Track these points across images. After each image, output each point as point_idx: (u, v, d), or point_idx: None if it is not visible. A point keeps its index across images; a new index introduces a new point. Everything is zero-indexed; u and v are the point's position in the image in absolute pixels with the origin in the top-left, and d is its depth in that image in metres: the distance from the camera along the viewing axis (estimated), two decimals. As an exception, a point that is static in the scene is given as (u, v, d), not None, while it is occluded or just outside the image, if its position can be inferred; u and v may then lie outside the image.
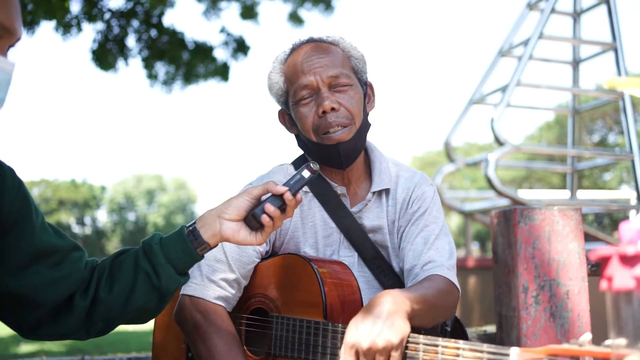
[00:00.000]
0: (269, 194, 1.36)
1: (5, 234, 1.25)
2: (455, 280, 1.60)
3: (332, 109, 1.59)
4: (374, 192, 1.71)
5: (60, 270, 1.30)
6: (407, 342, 1.30)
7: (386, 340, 1.26)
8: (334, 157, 1.63)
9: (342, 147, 1.61)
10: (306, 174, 1.37)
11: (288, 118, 1.72)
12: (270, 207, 1.33)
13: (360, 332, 1.27)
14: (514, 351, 1.15)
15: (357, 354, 1.28)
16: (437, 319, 1.52)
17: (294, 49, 1.70)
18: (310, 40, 1.70)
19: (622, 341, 0.81)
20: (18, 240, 1.26)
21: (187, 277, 1.39)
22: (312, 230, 1.68)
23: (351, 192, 1.72)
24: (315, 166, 1.39)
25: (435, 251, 1.62)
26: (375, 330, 1.26)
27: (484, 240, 35.43)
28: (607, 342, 1.01)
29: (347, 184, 1.72)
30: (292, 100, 1.65)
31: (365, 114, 1.70)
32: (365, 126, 1.68)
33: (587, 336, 1.05)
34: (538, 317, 2.04)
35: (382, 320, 1.27)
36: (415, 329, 1.32)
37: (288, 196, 1.34)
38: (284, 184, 1.36)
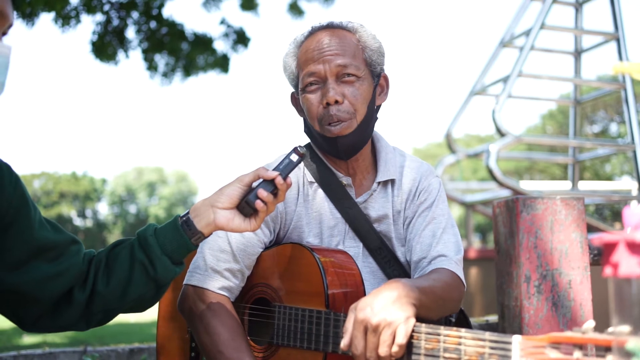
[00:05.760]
0: (260, 180, 1.38)
1: (4, 231, 1.26)
2: (461, 275, 1.62)
3: (336, 101, 1.59)
4: (379, 182, 1.71)
5: (59, 264, 1.31)
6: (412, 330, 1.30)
7: (395, 318, 1.28)
8: (333, 148, 1.65)
9: (341, 141, 1.61)
10: (294, 157, 1.40)
11: (299, 101, 1.73)
12: (263, 193, 1.35)
13: (371, 310, 1.29)
14: (516, 339, 1.14)
15: (365, 329, 1.30)
16: (443, 312, 1.53)
17: (311, 33, 1.69)
18: (329, 26, 1.68)
19: (626, 328, 0.80)
20: (16, 237, 1.26)
21: (183, 265, 1.41)
22: (316, 221, 1.68)
23: (357, 183, 1.72)
24: (302, 149, 1.41)
25: (443, 245, 1.63)
26: (385, 310, 1.29)
27: (484, 232, 35.47)
28: (610, 329, 1.00)
29: (353, 175, 1.71)
30: (300, 86, 1.66)
31: (373, 106, 1.68)
32: (369, 120, 1.67)
33: (590, 324, 1.04)
34: (540, 306, 2.04)
35: (392, 302, 1.30)
36: (420, 321, 1.32)
37: (279, 180, 1.36)
38: (274, 169, 1.38)
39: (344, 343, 1.33)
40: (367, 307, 1.30)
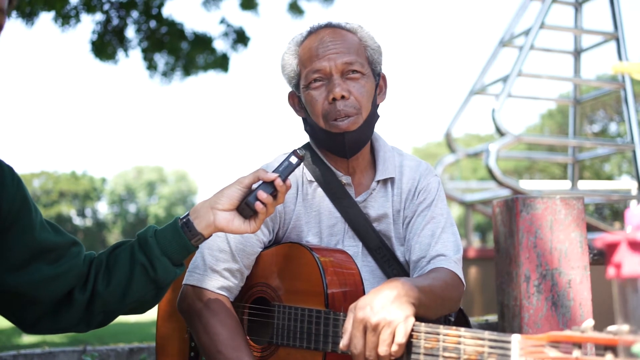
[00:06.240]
0: (260, 182, 1.39)
1: (5, 232, 1.26)
2: (461, 274, 1.62)
3: (342, 96, 1.59)
4: (378, 181, 1.71)
5: (60, 266, 1.31)
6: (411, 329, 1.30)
7: (394, 317, 1.28)
8: (338, 145, 1.64)
9: (348, 137, 1.61)
10: (294, 160, 1.41)
11: (297, 100, 1.73)
12: (262, 194, 1.36)
13: (371, 309, 1.30)
14: (515, 338, 1.14)
15: (365, 328, 1.30)
16: (441, 311, 1.53)
17: (312, 32, 1.69)
18: (329, 26, 1.69)
19: (626, 327, 0.80)
20: (18, 238, 1.27)
21: (183, 267, 1.41)
22: (316, 220, 1.68)
23: (356, 182, 1.72)
24: (301, 152, 1.42)
25: (442, 245, 1.64)
26: (385, 309, 1.29)
27: (484, 232, 35.48)
28: (610, 328, 1.00)
29: (352, 173, 1.71)
30: (303, 83, 1.66)
31: (375, 105, 1.69)
32: (373, 117, 1.68)
33: (590, 323, 1.04)
34: (540, 306, 2.04)
35: (391, 301, 1.30)
36: (419, 320, 1.32)
37: (279, 182, 1.37)
38: (273, 171, 1.39)
39: (343, 343, 1.33)
40: (366, 306, 1.30)
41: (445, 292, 1.50)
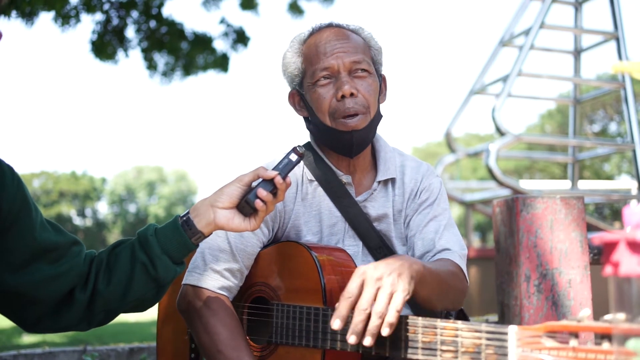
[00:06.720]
0: (259, 180, 1.39)
1: (5, 232, 1.26)
2: (465, 270, 1.62)
3: (352, 94, 1.59)
4: (379, 182, 1.71)
5: (60, 266, 1.31)
6: (407, 324, 1.30)
7: (395, 282, 1.26)
8: (345, 144, 1.63)
9: (356, 135, 1.61)
10: (293, 157, 1.41)
11: (298, 99, 1.73)
12: (262, 192, 1.36)
13: (373, 266, 1.29)
14: (512, 329, 1.15)
15: (363, 281, 1.28)
16: (445, 299, 1.51)
17: (315, 31, 1.69)
18: (332, 25, 1.70)
19: (622, 316, 0.80)
20: (18, 239, 1.27)
21: (183, 265, 1.41)
22: (316, 219, 1.68)
23: (356, 181, 1.72)
24: (301, 149, 1.42)
25: (446, 240, 1.64)
26: (387, 270, 1.28)
27: (484, 231, 35.49)
28: (606, 316, 1.01)
29: (353, 173, 1.71)
30: (309, 81, 1.65)
31: (379, 104, 1.70)
32: (377, 117, 1.68)
33: (586, 312, 1.05)
34: (540, 305, 2.04)
35: (395, 269, 1.28)
36: (420, 312, 1.32)
37: (279, 180, 1.37)
38: (273, 169, 1.39)
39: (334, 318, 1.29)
40: (370, 264, 1.30)
41: (449, 279, 1.49)
